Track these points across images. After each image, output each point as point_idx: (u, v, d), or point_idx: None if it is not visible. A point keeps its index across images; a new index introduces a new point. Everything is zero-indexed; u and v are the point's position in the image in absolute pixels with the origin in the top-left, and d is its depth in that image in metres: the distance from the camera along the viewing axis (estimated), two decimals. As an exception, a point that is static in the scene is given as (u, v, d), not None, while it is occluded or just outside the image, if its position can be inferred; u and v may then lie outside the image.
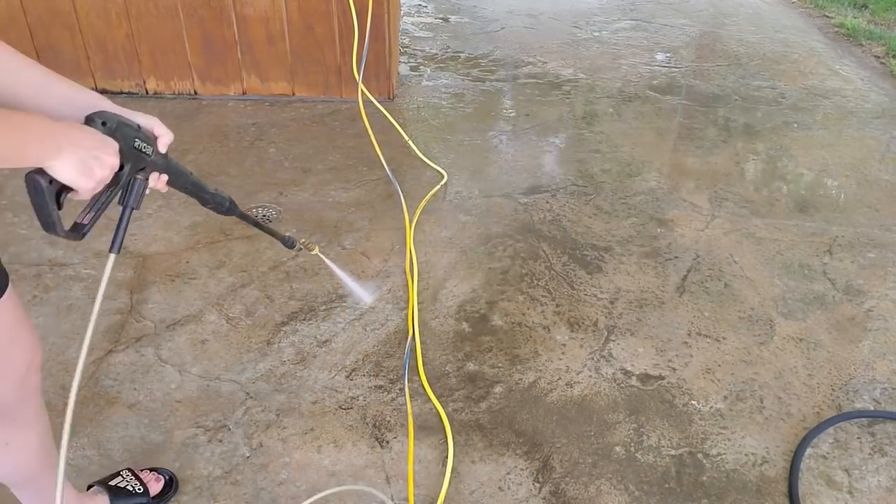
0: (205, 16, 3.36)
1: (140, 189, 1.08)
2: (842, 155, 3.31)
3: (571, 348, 2.14)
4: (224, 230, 2.58)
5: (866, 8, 5.43)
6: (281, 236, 1.61)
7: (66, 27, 3.36)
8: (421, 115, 3.53)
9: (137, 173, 1.07)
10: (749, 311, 2.31)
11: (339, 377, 2.00)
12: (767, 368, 2.09)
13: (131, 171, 1.05)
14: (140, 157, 1.07)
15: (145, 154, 1.07)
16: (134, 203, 1.08)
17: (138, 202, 1.08)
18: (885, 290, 2.44)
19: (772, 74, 4.17)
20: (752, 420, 1.92)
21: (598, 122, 3.55)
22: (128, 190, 1.07)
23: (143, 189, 1.08)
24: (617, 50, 4.45)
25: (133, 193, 1.07)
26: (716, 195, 2.95)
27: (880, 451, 1.85)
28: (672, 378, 2.05)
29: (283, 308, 2.24)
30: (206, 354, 2.05)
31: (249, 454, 1.77)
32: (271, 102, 3.55)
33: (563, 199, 2.87)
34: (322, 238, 2.56)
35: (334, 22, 3.36)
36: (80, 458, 1.73)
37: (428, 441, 1.82)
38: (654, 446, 1.84)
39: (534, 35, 4.64)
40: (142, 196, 1.08)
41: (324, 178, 2.94)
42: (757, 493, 1.72)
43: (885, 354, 2.16)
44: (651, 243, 2.63)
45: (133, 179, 1.07)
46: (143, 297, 2.25)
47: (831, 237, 2.71)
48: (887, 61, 4.44)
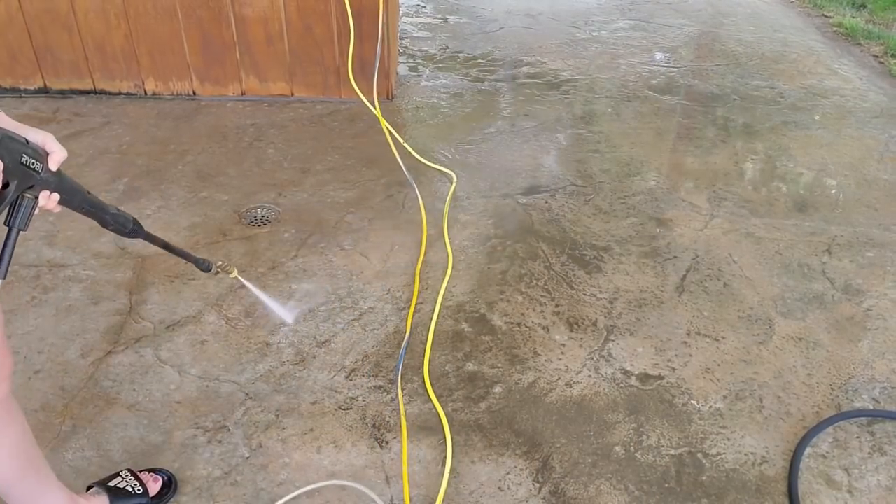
0: (203, 16, 3.35)
1: (28, 208, 1.02)
2: (840, 154, 3.31)
3: (571, 348, 2.14)
4: (223, 231, 2.58)
5: (865, 7, 5.43)
6: (195, 259, 1.57)
7: (65, 28, 3.36)
8: (420, 115, 3.53)
9: (26, 191, 1.01)
10: (748, 310, 2.32)
11: (339, 377, 2.00)
12: (767, 368, 2.09)
13: (17, 189, 0.99)
14: (27, 174, 1.00)
15: (33, 171, 1.01)
16: (21, 224, 1.01)
17: (26, 222, 1.02)
18: (884, 290, 2.44)
19: (770, 74, 4.17)
20: (751, 419, 1.92)
21: (597, 121, 3.55)
22: (14, 209, 1.01)
23: (31, 208, 1.02)
24: (616, 50, 4.45)
25: (20, 213, 1.01)
26: (715, 195, 2.95)
27: (880, 450, 1.85)
28: (671, 378, 2.05)
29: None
30: (206, 355, 2.05)
31: (249, 455, 1.76)
32: (270, 103, 3.55)
33: (562, 199, 2.88)
34: (321, 238, 2.56)
35: (333, 22, 3.36)
36: (80, 459, 1.72)
37: (427, 441, 1.82)
38: (653, 446, 1.84)
39: (532, 35, 4.64)
40: (30, 216, 1.02)
41: (323, 178, 2.94)
42: (756, 492, 1.72)
43: (884, 353, 2.16)
44: (650, 243, 2.63)
45: (20, 198, 1.01)
46: (143, 297, 2.25)
47: (830, 236, 2.71)
48: (886, 61, 4.44)
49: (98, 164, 2.93)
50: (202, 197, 2.76)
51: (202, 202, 2.73)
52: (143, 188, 2.79)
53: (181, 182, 2.83)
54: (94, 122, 3.28)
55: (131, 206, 2.67)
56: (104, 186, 2.78)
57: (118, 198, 2.73)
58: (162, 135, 3.21)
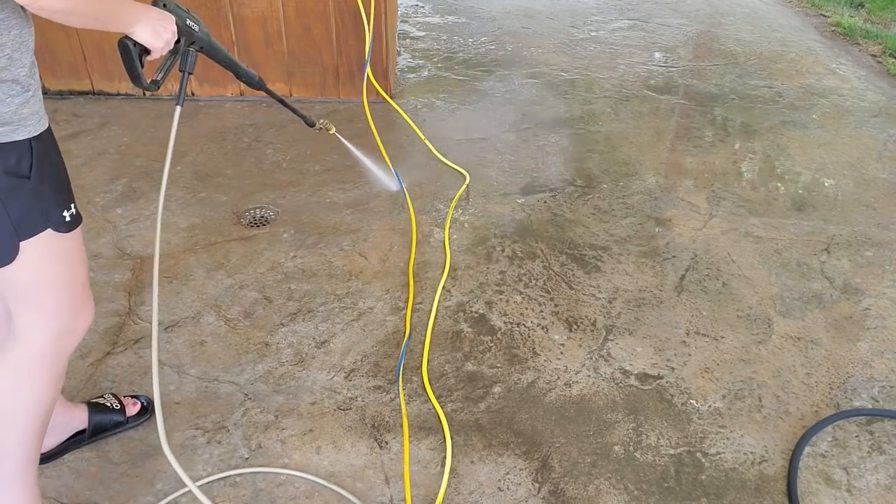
0: (202, 17, 3.33)
1: (193, 58, 1.42)
2: (839, 154, 3.31)
3: (570, 348, 2.14)
4: (222, 231, 2.58)
5: (863, 7, 5.44)
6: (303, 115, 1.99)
7: (63, 28, 3.35)
8: (418, 115, 3.52)
9: (190, 45, 1.40)
10: (747, 310, 2.32)
11: (338, 378, 2.00)
12: (766, 367, 2.09)
13: (185, 43, 1.38)
14: (191, 33, 1.39)
15: (194, 30, 1.40)
16: (190, 68, 1.42)
17: (192, 67, 1.43)
18: (883, 289, 2.44)
19: (769, 73, 4.18)
20: (750, 419, 1.92)
21: (596, 121, 3.55)
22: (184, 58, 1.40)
23: (194, 57, 1.42)
24: (614, 50, 4.45)
25: (188, 61, 1.42)
26: (713, 194, 2.95)
27: (879, 449, 1.85)
28: (671, 377, 2.05)
29: (282, 309, 2.23)
30: (205, 356, 2.05)
31: (248, 455, 1.76)
32: (269, 103, 3.55)
33: (561, 199, 2.88)
34: (320, 239, 2.56)
35: (332, 23, 3.36)
36: (79, 461, 1.72)
37: (427, 441, 1.82)
38: (652, 445, 1.84)
39: (531, 35, 4.64)
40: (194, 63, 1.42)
41: (321, 178, 2.94)
42: (756, 491, 1.73)
43: (882, 353, 2.17)
44: (649, 243, 2.63)
45: (187, 50, 1.40)
46: (142, 298, 2.25)
47: (829, 236, 2.71)
48: (884, 60, 4.45)
49: (96, 165, 2.92)
50: (201, 198, 2.76)
51: (201, 203, 2.73)
52: (141, 189, 2.79)
53: (180, 183, 2.83)
54: (93, 123, 3.28)
55: (130, 207, 2.67)
56: (103, 187, 2.78)
57: (117, 198, 2.72)
58: (160, 135, 3.20)
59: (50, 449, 1.69)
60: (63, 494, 1.65)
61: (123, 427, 1.78)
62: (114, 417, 1.77)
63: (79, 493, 1.65)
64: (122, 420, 1.77)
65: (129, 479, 1.69)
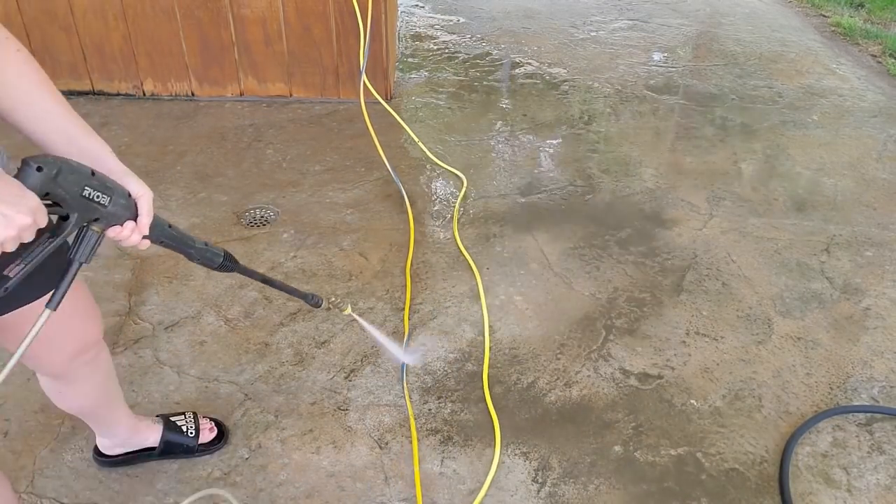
0: (202, 17, 3.35)
1: (91, 242, 0.98)
2: (839, 154, 3.31)
3: (570, 348, 2.14)
4: (222, 231, 2.58)
5: (863, 7, 5.43)
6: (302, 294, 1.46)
7: (63, 29, 3.35)
8: (418, 115, 3.53)
9: (92, 224, 0.98)
10: (747, 310, 2.32)
11: (338, 378, 2.00)
12: (766, 367, 2.09)
13: (77, 222, 0.95)
14: (90, 207, 0.95)
15: (97, 203, 0.96)
16: (81, 257, 0.98)
17: (87, 256, 0.98)
18: (883, 289, 2.44)
19: (769, 74, 4.17)
20: (750, 419, 1.92)
21: (596, 121, 3.55)
22: (77, 241, 0.97)
23: (94, 242, 0.98)
24: (614, 50, 4.45)
25: (81, 246, 0.97)
26: (713, 194, 2.95)
27: (879, 449, 1.85)
28: (670, 377, 2.05)
29: (282, 309, 2.23)
30: (205, 356, 2.05)
31: (248, 455, 1.76)
32: (269, 103, 3.55)
33: (561, 199, 2.88)
34: (320, 239, 2.56)
35: (331, 23, 3.36)
36: (79, 461, 1.72)
37: (427, 442, 1.82)
38: (652, 445, 1.84)
39: (531, 35, 4.64)
40: (93, 249, 0.98)
41: (322, 178, 2.94)
42: (756, 491, 1.73)
43: (882, 352, 2.17)
44: (649, 243, 2.63)
45: (85, 230, 0.97)
46: (141, 298, 2.25)
47: (829, 236, 2.71)
48: (884, 60, 4.45)
49: (96, 165, 2.92)
50: (201, 198, 2.76)
51: (201, 203, 2.73)
52: (141, 189, 2.79)
53: (180, 183, 2.83)
54: (93, 123, 3.23)
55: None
56: (103, 187, 2.78)
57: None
58: (160, 135, 3.20)
59: (116, 455, 1.69)
60: (63, 494, 1.65)
61: (192, 455, 1.72)
62: (185, 443, 1.71)
63: (79, 494, 1.65)
64: (192, 447, 1.72)
65: (129, 479, 1.69)
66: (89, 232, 0.97)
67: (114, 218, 1.00)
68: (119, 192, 1.00)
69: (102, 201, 0.97)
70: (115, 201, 0.99)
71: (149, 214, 1.05)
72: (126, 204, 1.02)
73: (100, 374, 1.47)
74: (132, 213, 1.03)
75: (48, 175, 0.88)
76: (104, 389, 1.52)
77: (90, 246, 0.98)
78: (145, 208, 1.04)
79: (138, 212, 1.04)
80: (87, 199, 0.94)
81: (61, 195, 0.91)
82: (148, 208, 1.05)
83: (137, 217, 1.04)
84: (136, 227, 1.04)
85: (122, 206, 1.01)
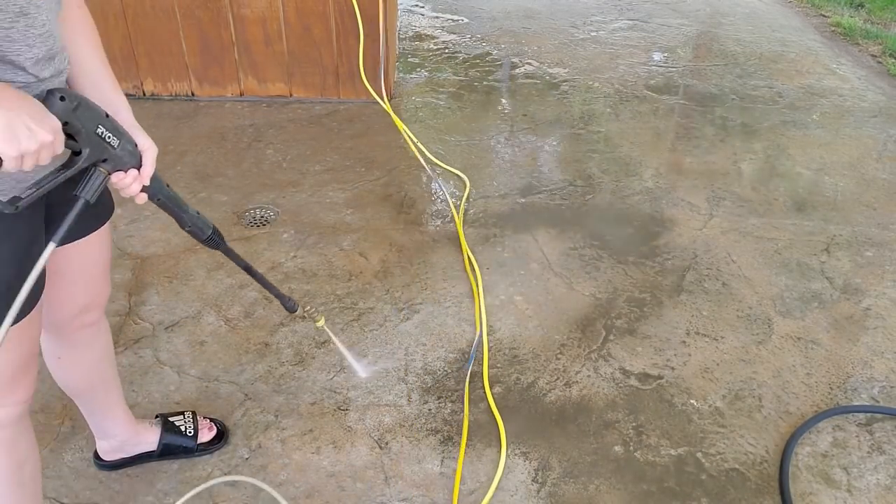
0: (202, 17, 3.35)
1: (96, 181, 1.01)
2: (839, 154, 3.31)
3: (570, 348, 2.14)
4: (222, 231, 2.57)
5: (863, 7, 5.44)
6: (279, 293, 1.46)
7: (63, 29, 3.35)
8: (419, 115, 3.53)
9: (100, 164, 1.02)
10: (747, 310, 2.32)
11: (338, 378, 2.00)
12: (766, 367, 2.09)
13: (90, 158, 1.00)
14: (102, 146, 1.01)
15: (108, 144, 1.02)
16: (86, 193, 1.00)
17: (92, 194, 1.01)
18: (883, 289, 2.44)
19: (769, 74, 4.17)
20: (750, 419, 1.92)
21: (596, 121, 3.55)
22: (85, 178, 1.01)
23: (100, 181, 1.01)
24: (614, 50, 4.45)
25: (88, 184, 1.01)
26: (713, 195, 2.95)
27: (879, 449, 1.85)
28: (671, 377, 2.05)
29: (282, 309, 2.22)
30: (205, 356, 2.05)
31: (248, 455, 1.76)
32: (269, 103, 3.55)
33: (561, 199, 2.88)
34: (320, 239, 2.56)
35: (331, 23, 3.36)
36: (79, 461, 1.72)
37: (427, 442, 1.82)
38: (653, 445, 1.84)
39: (531, 35, 4.65)
40: (98, 189, 1.01)
41: (321, 178, 2.94)
42: (756, 491, 1.73)
43: (883, 352, 2.17)
44: (649, 243, 2.63)
45: (93, 170, 1.01)
46: (142, 298, 2.25)
47: (829, 236, 2.71)
48: (884, 60, 4.45)
49: (97, 165, 2.92)
50: (201, 198, 2.76)
51: (201, 203, 2.73)
52: (141, 189, 2.79)
53: (180, 183, 2.82)
54: (93, 123, 3.27)
55: (130, 207, 2.67)
56: (103, 187, 2.78)
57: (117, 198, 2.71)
58: (160, 135, 3.20)
59: (115, 460, 1.69)
60: (63, 494, 1.65)
61: (191, 455, 1.72)
62: (184, 444, 1.71)
63: (79, 494, 1.65)
64: (191, 447, 1.72)
65: (129, 479, 1.69)
66: (96, 172, 1.02)
67: (120, 162, 1.06)
68: (128, 138, 1.07)
69: (112, 143, 1.03)
70: (123, 146, 1.05)
71: (152, 166, 1.13)
72: (132, 151, 1.08)
73: (99, 345, 1.50)
74: (137, 161, 1.09)
75: (69, 106, 0.95)
76: (101, 368, 1.53)
77: (96, 185, 1.02)
78: (149, 160, 1.12)
79: (142, 163, 1.11)
80: (100, 138, 1.01)
81: (77, 127, 0.97)
82: (152, 161, 1.13)
83: (141, 168, 1.11)
84: (138, 176, 1.10)
85: (128, 152, 1.07)
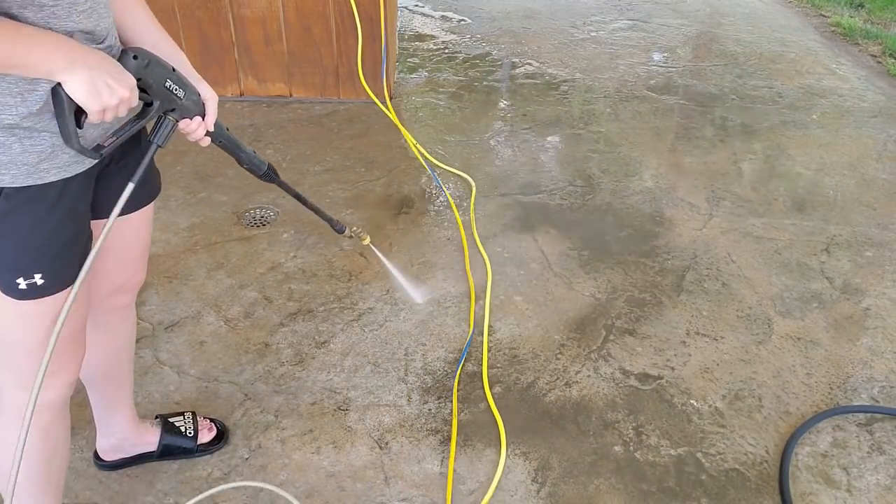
0: (202, 17, 3.35)
1: (167, 128, 1.16)
2: (839, 154, 3.31)
3: (570, 348, 2.14)
4: (222, 231, 2.58)
5: (862, 7, 5.43)
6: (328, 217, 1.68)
7: (63, 29, 3.35)
8: (419, 115, 3.53)
9: (169, 113, 1.16)
10: (747, 310, 2.32)
11: (338, 378, 2.00)
12: (766, 367, 2.09)
13: (160, 108, 1.14)
14: (170, 98, 1.14)
15: (175, 95, 1.15)
16: (159, 139, 1.15)
17: (164, 139, 1.16)
18: (883, 289, 2.44)
19: (769, 74, 4.18)
20: (750, 419, 1.92)
21: (596, 122, 3.55)
22: (156, 126, 1.15)
23: (170, 128, 1.16)
24: (614, 50, 4.45)
25: (160, 130, 1.15)
26: (713, 195, 2.95)
27: (879, 449, 1.85)
28: (670, 377, 2.05)
29: (282, 309, 2.23)
30: (205, 356, 2.05)
31: (248, 455, 1.76)
32: (269, 103, 3.55)
33: (561, 199, 2.88)
34: (319, 239, 2.56)
35: (332, 23, 3.36)
36: (79, 461, 1.72)
37: (427, 442, 1.82)
38: (653, 446, 1.84)
39: (531, 35, 4.65)
40: (168, 135, 1.16)
41: (322, 178, 2.94)
42: (756, 491, 1.73)
43: (883, 353, 2.17)
44: (649, 243, 2.63)
45: (163, 118, 1.15)
46: (141, 298, 2.25)
47: (829, 236, 2.71)
48: (884, 60, 4.45)
49: (96, 165, 2.92)
50: (201, 198, 2.76)
51: (201, 203, 2.73)
52: (141, 189, 2.79)
53: (180, 183, 2.82)
54: (93, 123, 3.27)
55: (130, 207, 2.66)
56: (103, 187, 2.78)
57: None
58: (160, 136, 3.20)
59: (115, 460, 1.70)
60: (63, 494, 1.65)
61: (191, 455, 1.73)
62: (184, 444, 1.72)
63: (78, 494, 1.65)
64: (191, 448, 1.72)
65: (129, 479, 1.69)
66: (166, 120, 1.16)
67: (186, 111, 1.19)
68: (192, 90, 1.19)
69: (179, 94, 1.16)
70: (188, 97, 1.18)
71: (214, 114, 1.24)
72: (196, 101, 1.20)
73: (125, 332, 1.54)
74: (201, 110, 1.22)
75: (141, 64, 1.08)
76: (121, 357, 1.56)
77: (166, 132, 1.16)
78: (212, 108, 1.24)
79: (206, 111, 1.23)
80: (168, 90, 1.14)
81: (149, 83, 1.10)
82: (214, 109, 1.24)
83: (205, 116, 1.23)
84: (202, 123, 1.22)
85: (193, 101, 1.19)
